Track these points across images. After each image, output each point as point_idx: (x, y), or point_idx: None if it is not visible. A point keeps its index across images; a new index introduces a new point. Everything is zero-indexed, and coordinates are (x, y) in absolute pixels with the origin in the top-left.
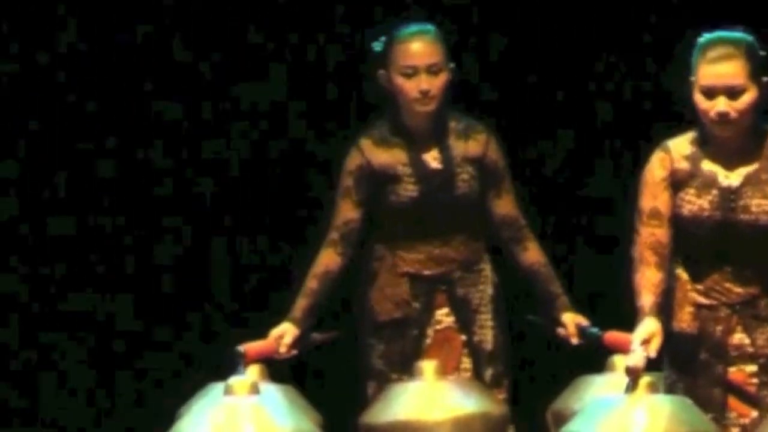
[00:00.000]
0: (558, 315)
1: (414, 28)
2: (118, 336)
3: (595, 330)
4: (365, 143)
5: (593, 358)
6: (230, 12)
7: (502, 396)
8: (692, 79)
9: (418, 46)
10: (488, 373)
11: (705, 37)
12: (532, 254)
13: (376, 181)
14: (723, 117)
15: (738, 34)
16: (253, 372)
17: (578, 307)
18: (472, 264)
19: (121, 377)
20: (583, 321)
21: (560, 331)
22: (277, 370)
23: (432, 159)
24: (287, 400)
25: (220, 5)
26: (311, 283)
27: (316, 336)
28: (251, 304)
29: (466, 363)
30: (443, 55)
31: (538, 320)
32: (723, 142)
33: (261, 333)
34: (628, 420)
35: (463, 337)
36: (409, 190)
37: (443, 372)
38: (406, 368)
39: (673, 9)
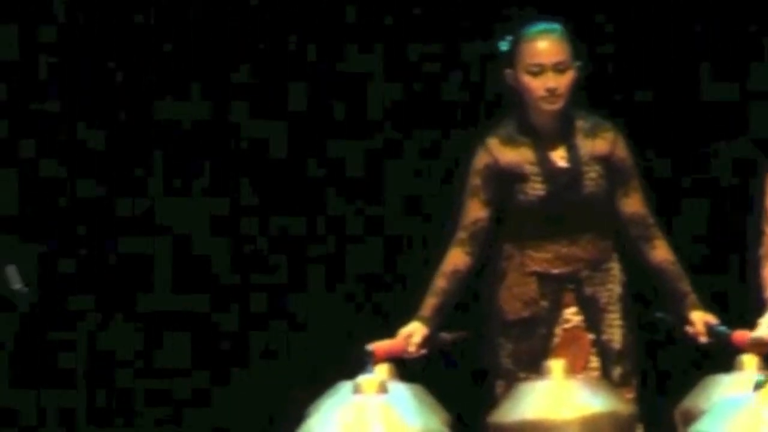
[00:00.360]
0: (687, 313)
1: (541, 26)
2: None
3: (723, 328)
4: (492, 142)
5: (722, 356)
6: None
7: (630, 395)
8: None
9: (545, 45)
10: (616, 372)
11: None
12: (661, 252)
13: (504, 180)
14: None
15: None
16: (381, 371)
17: (706, 306)
18: (601, 263)
19: (252, 375)
20: (712, 319)
21: (688, 329)
22: (406, 368)
23: (559, 158)
24: (416, 399)
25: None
26: (440, 282)
27: (446, 335)
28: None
29: (594, 362)
30: (570, 53)
31: (666, 318)
32: None
33: (390, 332)
34: (756, 419)
35: (591, 336)
36: (536, 189)
37: (571, 371)
38: (534, 367)
39: None
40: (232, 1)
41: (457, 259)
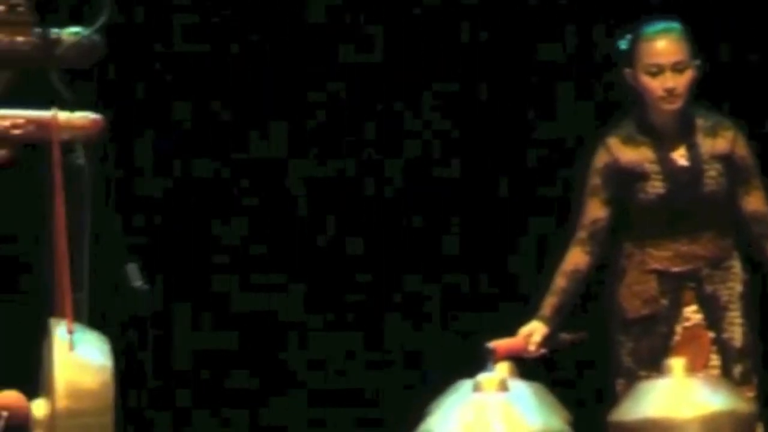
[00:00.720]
0: None
1: (659, 25)
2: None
3: None
4: (612, 141)
5: None
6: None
7: (750, 394)
8: None
9: (664, 44)
10: (737, 370)
11: None
12: None
13: (624, 179)
14: None
15: None
16: (502, 369)
17: None
18: (721, 261)
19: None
20: None
21: None
22: (526, 367)
23: (679, 156)
24: (536, 398)
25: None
26: (560, 282)
27: (565, 335)
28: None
29: (715, 360)
30: (688, 52)
31: None
32: None
33: (511, 331)
34: None
35: (712, 335)
36: (656, 187)
37: (692, 369)
38: (654, 365)
39: None
40: None
41: (577, 258)
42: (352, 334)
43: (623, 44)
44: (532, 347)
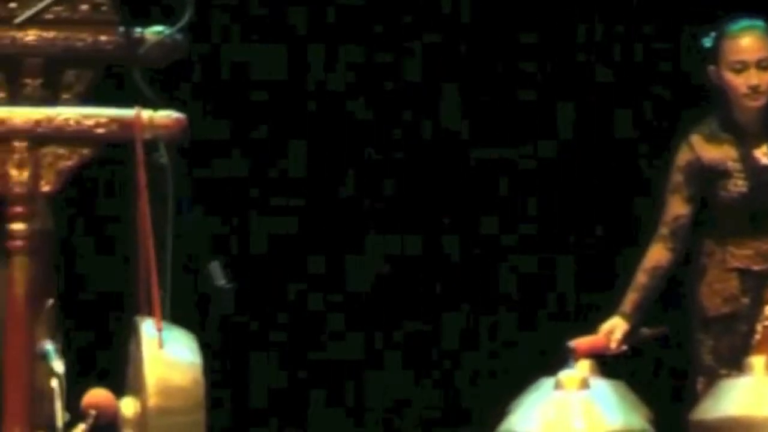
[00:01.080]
0: None
1: (743, 23)
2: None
3: None
4: (695, 139)
5: None
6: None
7: None
8: None
9: (748, 41)
10: None
11: None
12: None
13: (706, 176)
14: None
15: None
16: (583, 367)
17: None
18: None
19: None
20: None
21: None
22: (608, 365)
23: (762, 155)
24: (617, 396)
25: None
26: (641, 278)
27: (646, 331)
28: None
29: None
30: None
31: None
32: None
33: (592, 328)
34: None
35: None
36: (738, 185)
37: None
38: (735, 364)
39: None
40: None
41: (658, 255)
42: None
43: (707, 42)
44: (613, 344)
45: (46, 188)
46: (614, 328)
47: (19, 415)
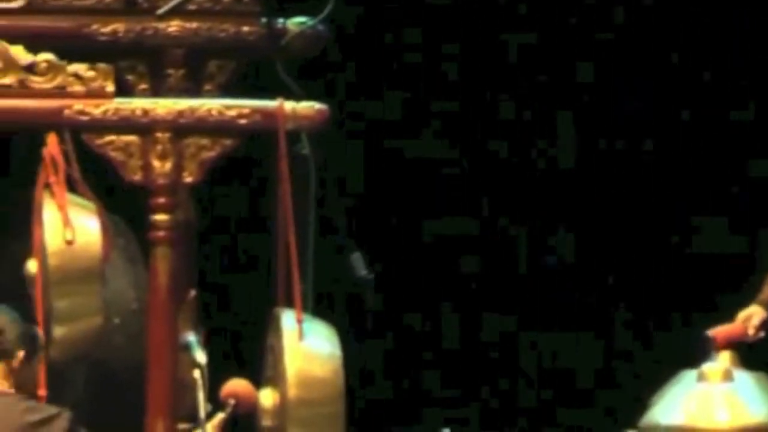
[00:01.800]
0: None
1: None
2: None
3: None
4: None
5: None
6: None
7: None
8: None
9: None
10: None
11: None
12: None
13: None
14: None
15: None
16: (724, 358)
17: None
18: None
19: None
20: None
21: None
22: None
23: None
24: (760, 388)
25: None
26: None
27: None
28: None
29: None
30: None
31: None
32: None
33: (729, 317)
34: None
35: None
36: None
37: None
38: None
39: None
40: None
41: None
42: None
43: None
44: (751, 331)
45: (188, 179)
46: (752, 316)
47: (162, 405)
